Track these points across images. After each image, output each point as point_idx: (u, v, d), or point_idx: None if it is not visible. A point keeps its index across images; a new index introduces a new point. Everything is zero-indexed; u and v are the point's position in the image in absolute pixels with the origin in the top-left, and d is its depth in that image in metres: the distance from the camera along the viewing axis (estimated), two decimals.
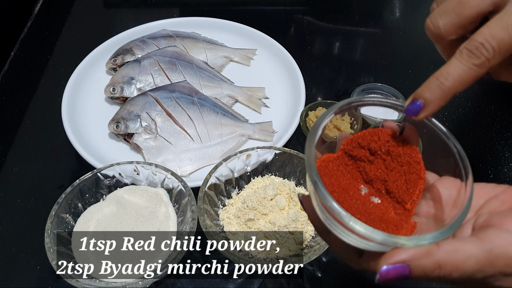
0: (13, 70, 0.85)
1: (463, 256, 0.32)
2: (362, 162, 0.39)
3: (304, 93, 0.76)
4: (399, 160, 0.38)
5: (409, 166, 0.38)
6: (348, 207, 0.36)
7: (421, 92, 0.36)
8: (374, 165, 0.39)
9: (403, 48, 0.76)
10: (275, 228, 0.56)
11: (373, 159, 0.39)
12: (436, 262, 0.32)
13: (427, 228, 0.36)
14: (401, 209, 0.38)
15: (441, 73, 0.36)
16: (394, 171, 0.38)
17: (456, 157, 0.37)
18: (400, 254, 0.32)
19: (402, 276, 0.32)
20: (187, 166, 0.68)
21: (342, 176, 0.39)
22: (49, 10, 0.98)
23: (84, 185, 0.59)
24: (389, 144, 0.38)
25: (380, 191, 0.39)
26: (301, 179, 0.62)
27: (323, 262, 0.60)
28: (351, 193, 0.38)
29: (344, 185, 0.38)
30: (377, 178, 0.39)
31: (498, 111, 0.78)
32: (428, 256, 0.32)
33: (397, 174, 0.38)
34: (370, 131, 0.39)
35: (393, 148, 0.38)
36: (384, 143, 0.38)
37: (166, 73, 0.77)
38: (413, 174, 0.38)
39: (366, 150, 0.39)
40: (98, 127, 0.73)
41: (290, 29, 0.95)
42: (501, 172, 0.69)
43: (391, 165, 0.38)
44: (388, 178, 0.38)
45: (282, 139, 0.70)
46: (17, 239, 0.62)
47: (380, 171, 0.39)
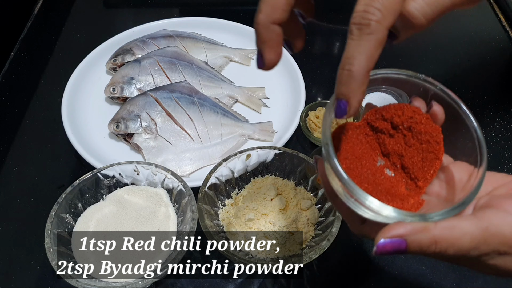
0: (13, 70, 0.85)
1: (459, 233, 0.32)
2: (382, 135, 0.40)
3: (304, 93, 0.76)
4: (420, 137, 0.38)
5: (428, 145, 0.38)
6: (357, 175, 0.37)
7: (338, 89, 0.34)
8: (394, 139, 0.39)
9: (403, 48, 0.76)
10: (275, 228, 0.56)
11: (394, 133, 0.39)
12: (432, 238, 0.32)
13: (434, 207, 0.36)
14: (413, 185, 0.39)
15: (343, 61, 0.34)
16: (413, 147, 0.39)
17: (475, 143, 0.37)
18: (398, 229, 0.32)
19: (399, 250, 0.32)
20: (187, 166, 0.68)
21: (360, 145, 0.39)
22: (49, 10, 0.98)
23: (84, 185, 0.59)
24: (411, 120, 0.38)
25: (396, 165, 0.39)
26: (301, 179, 0.62)
27: (323, 262, 0.59)
28: (364, 162, 0.39)
29: (358, 153, 0.39)
30: (394, 152, 0.39)
31: (498, 111, 0.78)
32: (425, 232, 0.32)
33: (415, 151, 0.39)
34: (396, 105, 0.39)
35: (415, 125, 0.38)
36: (407, 118, 0.38)
37: (166, 73, 0.77)
38: (431, 153, 0.38)
39: (388, 123, 0.39)
40: (98, 127, 0.73)
41: None
42: (501, 172, 0.69)
43: (411, 141, 0.39)
44: (405, 153, 0.39)
45: (282, 139, 0.70)
46: (17, 239, 0.62)
47: (398, 145, 0.39)
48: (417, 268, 0.59)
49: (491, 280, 0.58)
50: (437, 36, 0.91)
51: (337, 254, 0.60)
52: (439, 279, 0.58)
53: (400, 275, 0.58)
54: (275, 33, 0.37)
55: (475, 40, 0.91)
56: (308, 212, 0.59)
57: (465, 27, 0.94)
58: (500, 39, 0.91)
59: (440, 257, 0.33)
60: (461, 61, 0.87)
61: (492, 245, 0.32)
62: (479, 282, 0.58)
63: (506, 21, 0.94)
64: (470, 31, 0.93)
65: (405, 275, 0.58)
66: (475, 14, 0.96)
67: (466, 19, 0.96)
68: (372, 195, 0.34)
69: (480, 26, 0.93)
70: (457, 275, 0.58)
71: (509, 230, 0.32)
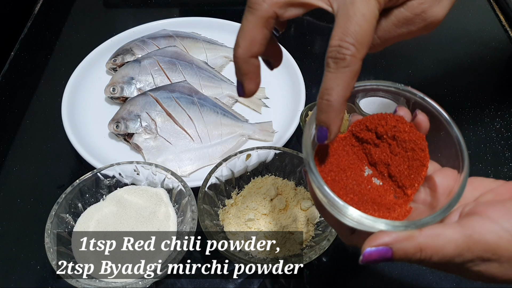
0: (13, 70, 0.85)
1: (443, 241, 0.33)
2: (368, 145, 0.40)
3: (304, 93, 0.76)
4: (404, 145, 0.39)
5: (414, 153, 0.39)
6: (343, 186, 0.38)
7: (318, 117, 0.37)
8: (379, 149, 0.40)
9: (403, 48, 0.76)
10: (275, 228, 0.56)
11: (379, 142, 0.40)
12: (418, 246, 0.33)
13: (421, 214, 0.37)
14: (401, 193, 0.39)
15: (322, 91, 0.36)
16: (398, 156, 0.39)
17: (457, 148, 0.38)
18: (383, 237, 0.33)
19: (385, 258, 0.33)
20: (187, 166, 0.68)
21: (346, 156, 0.40)
22: (49, 10, 0.98)
23: (84, 185, 0.59)
24: (395, 129, 0.39)
25: (383, 174, 0.40)
26: (301, 179, 0.62)
27: (323, 262, 0.59)
28: (349, 173, 0.40)
29: (344, 165, 0.40)
30: (380, 161, 0.40)
31: (498, 111, 0.78)
32: (410, 240, 0.33)
33: (400, 159, 0.39)
34: (379, 115, 0.40)
35: (399, 134, 0.39)
36: (390, 127, 0.39)
37: (166, 73, 0.77)
38: (417, 160, 0.39)
39: (373, 133, 0.40)
40: (98, 127, 0.73)
41: (290, 29, 0.95)
42: (501, 172, 0.69)
43: (396, 150, 0.39)
44: (391, 162, 0.40)
45: (282, 139, 0.70)
46: (17, 239, 0.62)
47: (384, 154, 0.40)
48: (417, 268, 0.59)
49: None
50: (437, 36, 0.91)
51: (337, 254, 0.60)
52: (439, 279, 0.58)
53: (400, 275, 0.58)
54: (254, 66, 0.40)
55: (475, 40, 0.91)
56: (308, 212, 0.59)
57: (465, 27, 0.94)
58: (500, 39, 0.91)
59: (426, 264, 0.34)
60: (461, 61, 0.87)
61: (475, 252, 0.33)
62: (479, 282, 0.58)
63: (506, 21, 0.94)
64: (470, 31, 0.93)
65: (405, 275, 0.58)
66: (475, 14, 0.96)
67: (466, 19, 0.96)
68: (358, 205, 0.36)
69: (480, 26, 0.93)
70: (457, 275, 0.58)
71: (491, 237, 0.33)
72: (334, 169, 0.39)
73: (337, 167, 0.39)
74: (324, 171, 0.38)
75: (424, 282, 0.58)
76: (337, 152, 0.40)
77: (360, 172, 0.41)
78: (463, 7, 0.96)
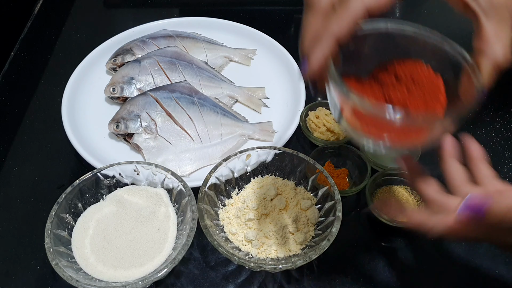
0: (13, 70, 0.85)
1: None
2: (387, 87, 0.42)
3: (304, 93, 0.76)
4: (421, 85, 0.41)
5: (430, 90, 0.41)
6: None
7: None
8: (397, 88, 0.42)
9: None
10: (275, 228, 0.56)
11: (397, 83, 0.42)
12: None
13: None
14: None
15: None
16: (415, 93, 0.41)
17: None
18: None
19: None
20: (187, 166, 0.68)
21: (366, 94, 0.42)
22: (49, 10, 0.98)
23: (84, 185, 0.59)
24: (413, 71, 0.42)
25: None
26: (301, 179, 0.62)
27: (323, 262, 0.60)
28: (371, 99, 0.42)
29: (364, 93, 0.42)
30: (398, 101, 0.41)
31: (498, 111, 0.78)
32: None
33: (417, 97, 0.41)
34: (398, 60, 0.43)
35: (416, 75, 0.41)
36: (409, 69, 0.42)
37: (166, 73, 0.77)
38: (433, 97, 0.41)
39: (391, 75, 0.42)
40: (98, 127, 0.73)
41: (290, 29, 0.95)
42: (501, 172, 0.69)
43: (413, 89, 0.41)
44: (408, 101, 0.41)
45: (282, 139, 0.70)
46: (17, 239, 0.62)
47: (402, 93, 0.42)
48: (417, 268, 0.59)
49: (491, 281, 0.58)
50: None
51: (337, 254, 0.60)
52: (439, 279, 0.58)
53: (400, 275, 0.58)
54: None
55: None
56: (308, 212, 0.59)
57: (465, 27, 0.94)
58: None
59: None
60: None
61: None
62: (479, 282, 0.58)
63: None
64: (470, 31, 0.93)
65: (405, 275, 0.58)
66: None
67: (466, 19, 0.95)
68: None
69: None
70: (457, 275, 0.58)
71: None
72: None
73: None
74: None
75: (424, 282, 0.58)
76: (359, 91, 0.41)
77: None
78: None
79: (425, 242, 0.61)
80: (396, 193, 0.64)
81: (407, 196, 0.64)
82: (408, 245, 0.61)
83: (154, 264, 0.54)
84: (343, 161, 0.68)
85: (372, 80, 0.42)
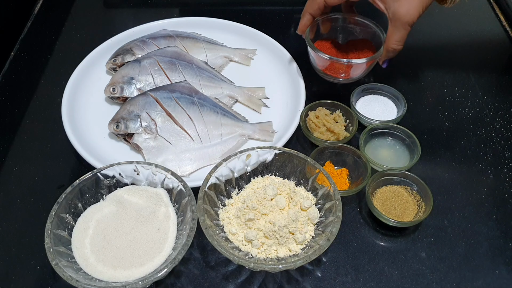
0: (13, 70, 0.85)
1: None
2: (344, 48, 0.82)
3: (304, 93, 0.76)
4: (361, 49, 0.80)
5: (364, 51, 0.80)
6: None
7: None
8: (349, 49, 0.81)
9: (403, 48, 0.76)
10: (275, 228, 0.56)
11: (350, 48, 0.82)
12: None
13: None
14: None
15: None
16: (356, 52, 0.81)
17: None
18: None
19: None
20: (187, 166, 0.68)
21: (328, 49, 0.81)
22: (49, 10, 0.98)
23: (84, 185, 0.59)
24: (359, 43, 0.82)
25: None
26: (301, 179, 0.62)
27: (323, 262, 0.60)
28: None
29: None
30: (346, 55, 0.80)
31: (498, 111, 0.78)
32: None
33: (356, 54, 0.80)
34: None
35: (361, 45, 0.81)
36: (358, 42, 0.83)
37: (166, 73, 0.77)
38: (365, 53, 0.80)
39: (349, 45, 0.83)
40: (98, 127, 0.73)
41: (290, 29, 0.95)
42: (501, 172, 0.69)
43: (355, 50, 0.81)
44: (351, 55, 0.80)
45: (282, 139, 0.70)
46: (17, 239, 0.62)
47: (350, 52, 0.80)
48: (417, 268, 0.59)
49: (491, 281, 0.58)
50: (437, 36, 0.91)
51: (337, 254, 0.60)
52: (439, 279, 0.58)
53: (400, 275, 0.58)
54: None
55: (475, 40, 0.91)
56: (308, 212, 0.59)
57: (465, 27, 0.94)
58: (500, 39, 0.91)
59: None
60: (461, 61, 0.87)
61: None
62: (479, 282, 0.58)
63: (506, 21, 0.94)
64: (470, 31, 0.93)
65: (405, 275, 0.58)
66: (475, 14, 0.96)
67: (466, 19, 0.96)
68: None
69: (480, 26, 0.94)
70: (457, 275, 0.58)
71: None
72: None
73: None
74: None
75: (424, 282, 0.58)
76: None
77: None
78: (463, 7, 0.96)
79: (425, 242, 0.61)
80: (396, 193, 0.64)
81: (407, 196, 0.64)
82: (408, 245, 0.61)
83: (154, 264, 0.54)
84: (343, 161, 0.68)
85: (342, 45, 0.81)
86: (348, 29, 0.83)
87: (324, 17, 0.80)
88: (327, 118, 0.71)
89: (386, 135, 0.71)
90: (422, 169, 0.69)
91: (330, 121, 0.71)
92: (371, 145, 0.71)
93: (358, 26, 0.81)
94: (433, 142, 0.73)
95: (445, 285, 0.58)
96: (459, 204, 0.65)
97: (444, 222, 0.63)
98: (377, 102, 0.77)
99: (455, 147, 0.72)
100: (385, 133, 0.71)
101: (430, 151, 0.71)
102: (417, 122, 0.75)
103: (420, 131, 0.73)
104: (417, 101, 0.79)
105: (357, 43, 0.81)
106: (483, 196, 0.66)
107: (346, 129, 0.72)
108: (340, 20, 0.81)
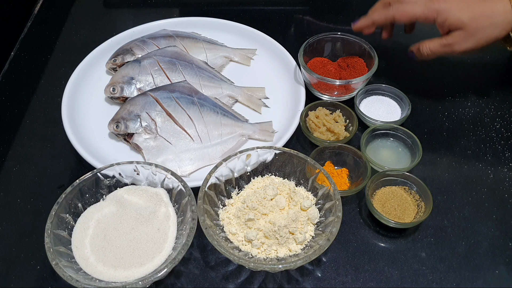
0: (13, 70, 0.85)
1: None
2: (338, 67, 0.82)
3: (304, 93, 0.76)
4: (352, 67, 0.81)
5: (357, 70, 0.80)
6: None
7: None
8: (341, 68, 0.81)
9: (404, 48, 0.76)
10: (275, 228, 0.56)
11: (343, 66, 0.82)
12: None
13: None
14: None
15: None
16: (348, 71, 0.80)
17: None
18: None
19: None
20: (187, 166, 0.68)
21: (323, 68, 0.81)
22: (49, 10, 0.98)
23: (84, 185, 0.59)
24: (351, 60, 0.82)
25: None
26: (301, 179, 0.62)
27: (323, 262, 0.60)
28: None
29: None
30: (338, 74, 0.80)
31: (498, 111, 0.78)
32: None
33: (349, 73, 0.79)
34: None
35: (352, 62, 0.82)
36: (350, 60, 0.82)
37: (166, 73, 0.77)
38: (358, 72, 0.79)
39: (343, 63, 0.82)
40: (98, 127, 0.73)
41: (290, 29, 0.95)
42: (501, 172, 0.69)
43: (348, 69, 0.81)
44: (343, 75, 0.80)
45: (282, 139, 0.70)
46: (17, 239, 0.62)
47: (342, 71, 0.81)
48: (417, 268, 0.59)
49: (491, 280, 0.58)
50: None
51: (337, 254, 0.60)
52: (439, 279, 0.58)
53: (400, 275, 0.58)
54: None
55: None
56: (308, 212, 0.59)
57: None
58: None
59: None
60: (461, 61, 0.87)
61: None
62: (479, 282, 0.58)
63: None
64: None
65: (405, 275, 0.58)
66: None
67: None
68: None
69: None
70: (457, 275, 0.58)
71: None
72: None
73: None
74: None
75: (424, 282, 0.58)
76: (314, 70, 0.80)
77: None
78: None
79: (425, 242, 0.61)
80: (395, 194, 0.64)
81: (407, 196, 0.64)
82: (408, 245, 0.61)
83: (154, 264, 0.54)
84: (343, 161, 0.68)
85: (335, 63, 0.82)
86: (341, 47, 0.83)
87: (319, 37, 0.81)
88: (327, 118, 0.72)
89: (388, 136, 0.71)
90: (422, 169, 0.69)
91: (330, 121, 0.71)
92: (372, 146, 0.70)
93: (350, 45, 0.82)
94: (433, 142, 0.73)
95: (445, 285, 0.58)
96: (459, 204, 0.65)
97: (444, 222, 0.63)
98: (381, 103, 0.77)
99: (455, 147, 0.72)
100: (387, 134, 0.71)
101: (430, 151, 0.71)
102: (417, 122, 0.75)
103: (420, 131, 0.73)
104: (417, 101, 0.79)
105: (349, 60, 0.81)
106: (483, 196, 0.66)
107: (346, 129, 0.72)
108: (334, 39, 0.82)
